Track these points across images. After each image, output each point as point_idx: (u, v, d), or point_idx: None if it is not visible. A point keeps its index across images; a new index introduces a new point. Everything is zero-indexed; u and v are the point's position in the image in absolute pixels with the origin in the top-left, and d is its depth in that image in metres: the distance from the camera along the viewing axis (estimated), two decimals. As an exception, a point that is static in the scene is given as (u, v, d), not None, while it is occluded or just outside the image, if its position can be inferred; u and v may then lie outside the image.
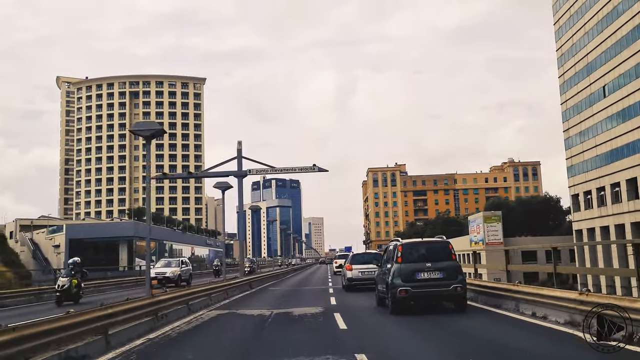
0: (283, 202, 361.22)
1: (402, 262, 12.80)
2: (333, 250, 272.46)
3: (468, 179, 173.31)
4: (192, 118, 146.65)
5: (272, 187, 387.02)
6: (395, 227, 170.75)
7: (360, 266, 22.32)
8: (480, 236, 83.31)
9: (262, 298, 20.32)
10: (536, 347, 8.26)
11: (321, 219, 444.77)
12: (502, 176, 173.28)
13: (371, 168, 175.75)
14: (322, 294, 21.36)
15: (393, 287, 12.58)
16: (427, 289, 12.49)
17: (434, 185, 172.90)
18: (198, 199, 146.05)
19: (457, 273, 12.84)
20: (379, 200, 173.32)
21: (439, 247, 13.53)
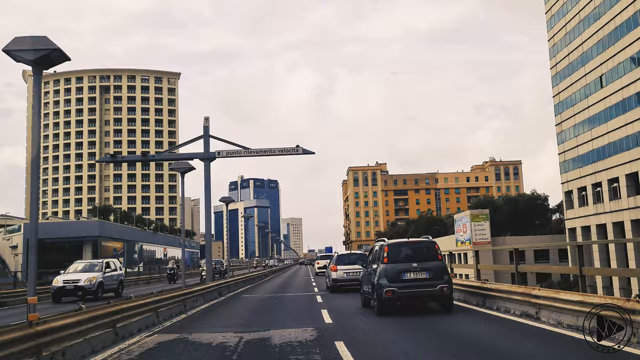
0: (261, 203, 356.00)
1: (389, 262, 12.71)
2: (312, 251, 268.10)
3: (449, 178, 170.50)
4: (166, 114, 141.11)
5: (249, 187, 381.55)
6: (376, 227, 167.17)
7: (346, 267, 21.84)
8: (467, 235, 79.97)
9: (232, 311, 15.99)
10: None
11: (300, 220, 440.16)
12: (483, 175, 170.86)
13: (352, 167, 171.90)
14: (309, 303, 17.09)
15: (379, 288, 12.48)
16: (413, 289, 12.47)
17: (415, 184, 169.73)
18: (172, 198, 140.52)
19: (443, 273, 12.80)
20: (359, 199, 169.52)
21: (425, 247, 13.51)
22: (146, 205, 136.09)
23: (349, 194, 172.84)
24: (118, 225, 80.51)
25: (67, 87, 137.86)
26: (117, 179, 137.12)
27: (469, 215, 79.52)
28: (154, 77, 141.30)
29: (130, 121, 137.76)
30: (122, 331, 9.68)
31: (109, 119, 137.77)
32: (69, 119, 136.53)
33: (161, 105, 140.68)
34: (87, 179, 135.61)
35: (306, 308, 15.33)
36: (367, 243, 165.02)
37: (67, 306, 16.09)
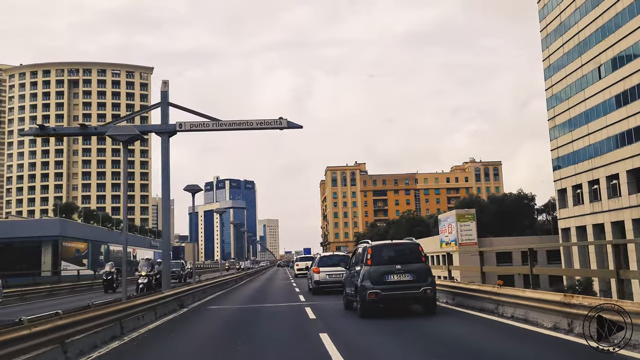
0: (237, 204, 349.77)
1: (372, 264, 12.58)
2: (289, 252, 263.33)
3: (429, 178, 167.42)
4: (138, 109, 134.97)
5: (225, 188, 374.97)
6: (354, 228, 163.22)
7: (328, 269, 21.38)
8: (452, 236, 76.39)
9: (190, 334, 11.15)
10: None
11: (276, 221, 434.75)
12: (463, 176, 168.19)
13: (330, 167, 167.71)
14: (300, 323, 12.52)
15: (362, 290, 12.35)
16: (396, 292, 12.33)
17: (395, 185, 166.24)
18: (144, 197, 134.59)
19: (427, 275, 12.63)
20: (338, 200, 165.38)
21: (408, 249, 13.36)
22: (116, 204, 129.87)
23: (327, 194, 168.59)
24: (82, 224, 74.96)
25: (33, 80, 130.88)
26: (85, 177, 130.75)
27: (454, 215, 75.95)
28: (126, 71, 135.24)
29: (100, 117, 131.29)
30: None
31: (78, 114, 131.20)
32: (35, 113, 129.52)
33: (133, 100, 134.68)
34: (53, 177, 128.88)
35: (299, 336, 10.69)
36: (346, 244, 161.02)
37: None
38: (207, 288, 21.40)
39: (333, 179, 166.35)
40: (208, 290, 21.63)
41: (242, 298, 21.59)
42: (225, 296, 22.28)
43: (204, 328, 12.52)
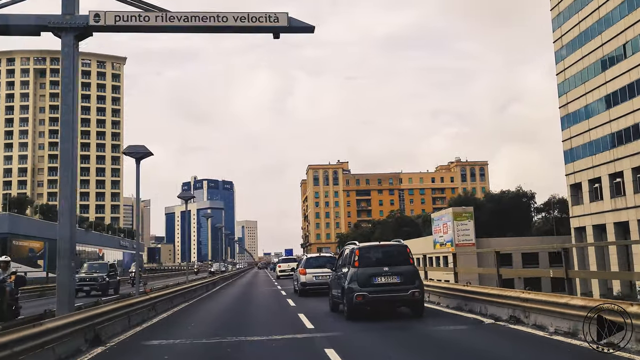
0: (215, 204, 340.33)
1: (359, 266, 12.21)
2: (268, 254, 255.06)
3: (414, 178, 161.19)
4: (110, 102, 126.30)
5: (203, 188, 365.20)
6: (336, 229, 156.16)
7: (315, 270, 20.75)
8: (447, 236, 69.76)
9: None
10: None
11: (255, 223, 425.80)
12: (448, 176, 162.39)
13: (312, 165, 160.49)
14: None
15: (349, 292, 12.02)
16: (384, 294, 12.00)
17: (378, 184, 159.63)
18: (115, 195, 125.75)
19: (415, 277, 12.33)
20: (319, 200, 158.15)
21: (396, 251, 12.96)
22: (85, 202, 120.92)
23: (309, 193, 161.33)
24: (37, 220, 66.69)
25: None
26: (52, 173, 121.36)
27: (450, 214, 69.38)
28: (97, 60, 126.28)
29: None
30: None
31: (44, 106, 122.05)
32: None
33: (104, 92, 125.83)
34: (17, 172, 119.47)
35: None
36: (328, 246, 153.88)
37: None
38: (156, 303, 13.95)
39: (315, 177, 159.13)
40: (159, 305, 14.21)
41: (212, 318, 14.27)
42: (186, 315, 14.85)
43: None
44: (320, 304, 15.89)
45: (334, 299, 14.04)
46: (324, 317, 13.26)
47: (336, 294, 13.56)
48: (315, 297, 18.96)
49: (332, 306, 14.30)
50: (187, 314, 15.12)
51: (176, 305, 16.96)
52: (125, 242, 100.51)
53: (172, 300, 16.57)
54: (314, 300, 18.03)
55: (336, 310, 13.68)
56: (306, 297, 19.59)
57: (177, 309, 16.32)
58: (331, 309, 14.16)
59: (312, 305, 16.02)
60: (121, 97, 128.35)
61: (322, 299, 16.73)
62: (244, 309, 17.21)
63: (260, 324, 12.77)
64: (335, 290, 13.71)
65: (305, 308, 15.47)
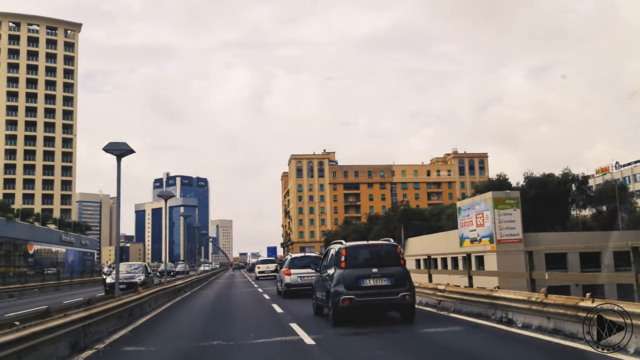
0: (188, 202, 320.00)
1: (346, 267, 11.29)
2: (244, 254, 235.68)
3: (407, 171, 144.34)
4: (62, 75, 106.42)
5: (176, 185, 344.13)
6: (322, 227, 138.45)
7: (300, 270, 20.02)
8: (484, 230, 52.50)
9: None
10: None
11: (230, 222, 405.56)
12: (446, 169, 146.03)
13: (295, 155, 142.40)
14: None
15: (335, 296, 11.11)
16: (372, 297, 11.09)
17: (369, 177, 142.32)
18: (66, 183, 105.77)
19: (406, 279, 11.44)
20: (303, 193, 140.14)
21: (386, 250, 11.99)
22: (29, 190, 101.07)
23: (291, 187, 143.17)
24: None
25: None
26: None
27: (489, 201, 52.04)
28: (47, 26, 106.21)
29: (11, 82, 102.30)
30: None
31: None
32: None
33: (54, 62, 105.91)
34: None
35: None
36: (312, 245, 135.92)
37: None
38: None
39: (298, 169, 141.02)
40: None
41: None
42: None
43: None
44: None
45: (318, 302, 13.23)
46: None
47: (320, 297, 12.75)
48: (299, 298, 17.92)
49: (315, 309, 13.51)
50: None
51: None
52: (69, 237, 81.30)
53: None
54: (299, 301, 17.29)
55: (320, 314, 12.95)
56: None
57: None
58: (315, 313, 13.39)
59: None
60: (75, 70, 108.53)
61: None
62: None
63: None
64: (320, 292, 12.85)
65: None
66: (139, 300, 14.01)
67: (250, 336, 10.24)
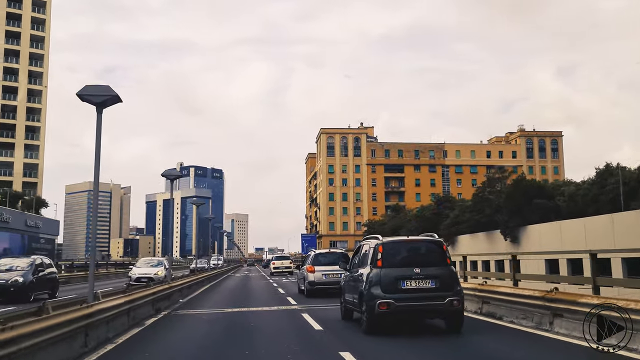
0: (202, 193, 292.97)
1: (383, 266, 9.28)
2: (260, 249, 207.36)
3: (463, 151, 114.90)
4: (29, 25, 78.86)
5: (190, 175, 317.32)
6: (357, 217, 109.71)
7: (324, 268, 18.37)
8: None
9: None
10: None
11: (246, 216, 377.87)
12: (509, 150, 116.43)
13: (326, 129, 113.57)
14: None
15: (371, 299, 9.12)
16: (414, 303, 9.08)
17: (416, 158, 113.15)
18: (31, 148, 78.13)
19: (454, 282, 9.41)
20: (334, 176, 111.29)
21: (429, 248, 9.90)
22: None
23: (320, 167, 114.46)
24: None
25: None
26: None
27: None
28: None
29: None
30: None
31: None
32: None
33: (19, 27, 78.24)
34: None
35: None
36: (344, 239, 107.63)
37: None
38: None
39: (329, 146, 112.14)
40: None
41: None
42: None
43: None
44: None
45: (347, 304, 11.30)
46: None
47: (350, 300, 10.79)
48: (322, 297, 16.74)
49: (343, 313, 11.66)
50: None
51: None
52: (37, 220, 53.52)
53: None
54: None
55: (349, 318, 11.25)
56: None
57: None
58: (343, 317, 11.59)
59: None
60: (46, 20, 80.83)
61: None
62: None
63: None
64: (350, 294, 10.87)
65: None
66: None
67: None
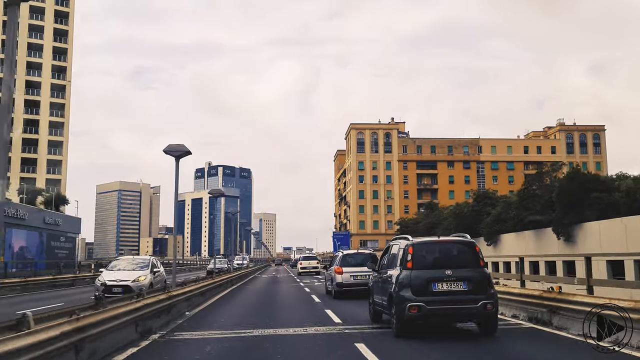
0: (230, 192, 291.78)
1: (413, 267, 8.97)
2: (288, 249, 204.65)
3: (499, 146, 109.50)
4: (52, 19, 77.03)
5: (218, 175, 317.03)
6: (388, 215, 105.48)
7: (352, 269, 18.01)
8: None
9: None
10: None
11: (274, 216, 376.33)
12: (549, 145, 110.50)
13: (356, 124, 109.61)
14: None
15: (400, 302, 8.85)
16: (447, 306, 8.75)
17: (449, 154, 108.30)
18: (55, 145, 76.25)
19: (487, 285, 9.05)
20: (365, 173, 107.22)
21: (461, 248, 9.55)
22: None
23: (349, 164, 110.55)
24: None
25: None
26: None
27: None
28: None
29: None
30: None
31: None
32: None
33: None
34: None
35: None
36: (375, 238, 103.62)
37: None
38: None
39: (359, 142, 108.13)
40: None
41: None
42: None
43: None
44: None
45: (375, 306, 11.05)
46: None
47: (379, 302, 10.54)
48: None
49: (372, 315, 11.39)
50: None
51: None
52: (17, 209, 50.35)
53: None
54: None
55: (378, 320, 10.99)
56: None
57: None
58: (372, 319, 11.32)
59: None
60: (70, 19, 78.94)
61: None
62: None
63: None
64: (379, 296, 10.65)
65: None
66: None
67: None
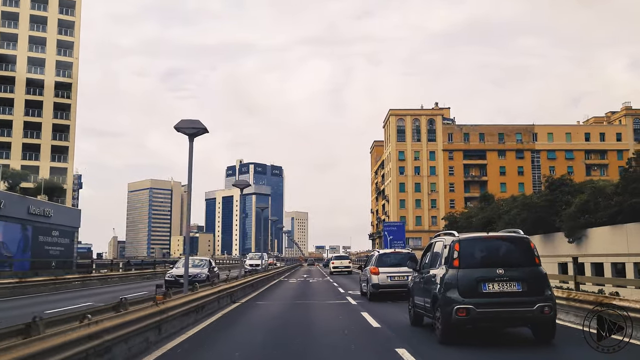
0: (261, 190, 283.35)
1: (460, 266, 7.86)
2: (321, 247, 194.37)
3: (556, 133, 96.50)
4: (56, 9, 68.29)
5: (249, 172, 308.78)
6: (432, 210, 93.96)
7: (389, 269, 16.66)
8: None
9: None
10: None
11: (306, 214, 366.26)
12: (613, 132, 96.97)
13: (395, 110, 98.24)
14: None
15: (447, 304, 7.77)
16: (499, 309, 7.60)
17: (500, 142, 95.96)
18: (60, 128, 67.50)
19: (544, 285, 7.83)
20: (406, 163, 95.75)
21: (514, 245, 8.25)
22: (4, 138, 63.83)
23: (389, 155, 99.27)
24: None
25: None
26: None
27: None
28: None
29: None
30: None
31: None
32: None
33: None
34: None
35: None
36: (418, 236, 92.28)
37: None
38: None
39: (399, 129, 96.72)
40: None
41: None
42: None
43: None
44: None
45: (416, 309, 9.94)
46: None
47: (421, 304, 9.38)
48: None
49: (412, 319, 10.31)
50: None
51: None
52: (44, 207, 41.40)
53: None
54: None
55: (419, 324, 10.00)
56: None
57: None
58: (412, 323, 10.27)
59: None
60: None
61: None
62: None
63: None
64: (420, 298, 9.46)
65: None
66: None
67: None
